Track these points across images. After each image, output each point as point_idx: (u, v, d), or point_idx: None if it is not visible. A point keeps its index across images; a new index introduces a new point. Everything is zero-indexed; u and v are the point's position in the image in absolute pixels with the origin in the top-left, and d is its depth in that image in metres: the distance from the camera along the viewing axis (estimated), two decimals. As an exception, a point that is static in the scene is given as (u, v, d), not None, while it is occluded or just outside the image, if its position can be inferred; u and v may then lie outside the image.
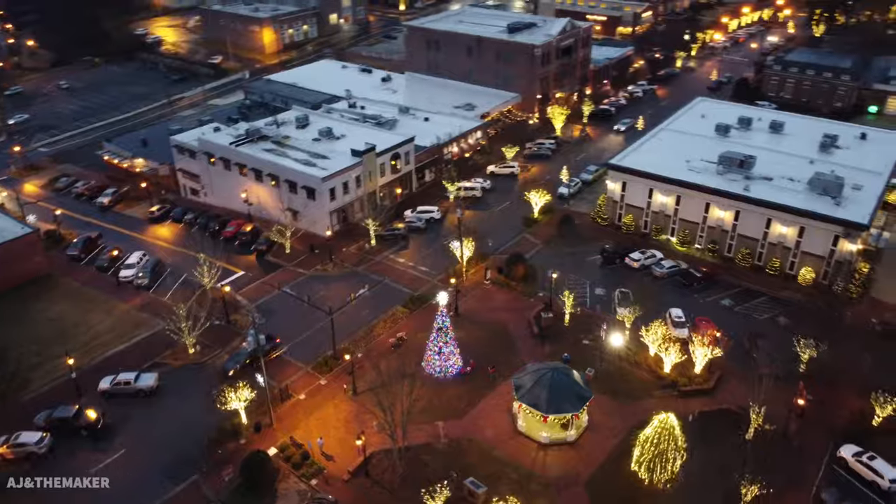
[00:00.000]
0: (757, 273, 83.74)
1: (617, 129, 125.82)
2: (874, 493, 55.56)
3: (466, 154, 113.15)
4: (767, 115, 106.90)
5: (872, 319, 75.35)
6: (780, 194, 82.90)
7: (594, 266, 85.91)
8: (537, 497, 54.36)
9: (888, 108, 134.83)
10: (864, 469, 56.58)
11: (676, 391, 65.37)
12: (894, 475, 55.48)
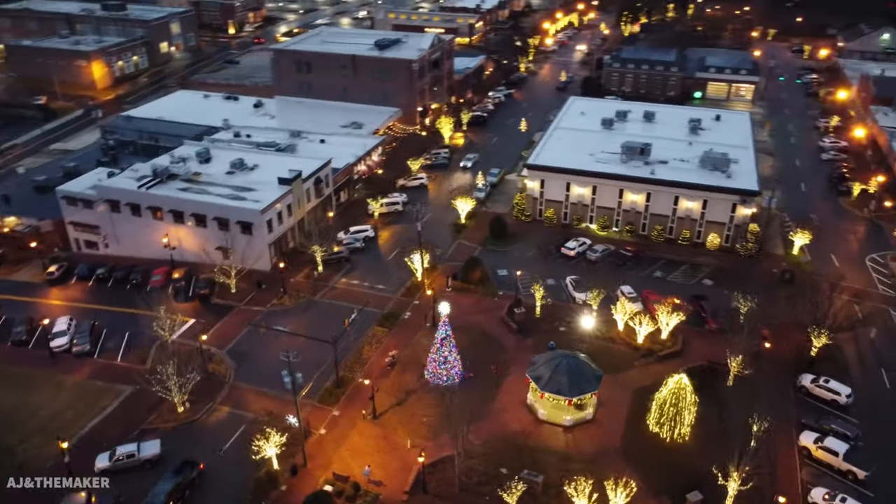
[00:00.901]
0: (671, 245, 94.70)
1: (463, 165, 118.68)
2: (835, 408, 66.51)
3: (378, 171, 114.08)
4: (639, 107, 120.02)
5: (774, 270, 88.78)
6: (680, 174, 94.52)
7: (535, 260, 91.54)
8: (584, 473, 58.15)
9: (709, 93, 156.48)
10: (823, 391, 67.49)
11: (654, 357, 72.70)
12: (848, 391, 66.92)
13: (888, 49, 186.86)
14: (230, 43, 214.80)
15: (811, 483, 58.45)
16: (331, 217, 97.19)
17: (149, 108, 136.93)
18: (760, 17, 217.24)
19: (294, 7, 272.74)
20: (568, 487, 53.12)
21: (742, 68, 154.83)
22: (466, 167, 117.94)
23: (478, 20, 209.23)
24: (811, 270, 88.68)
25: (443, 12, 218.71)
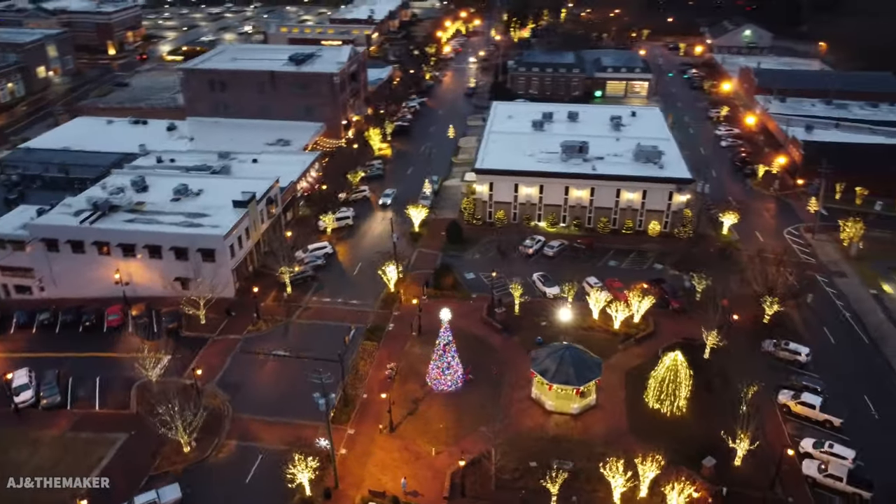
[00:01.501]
0: (616, 235, 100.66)
1: (383, 203, 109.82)
2: (797, 367, 73.98)
3: (323, 186, 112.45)
4: (563, 108, 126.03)
5: (711, 249, 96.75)
6: (617, 168, 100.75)
7: (496, 261, 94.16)
8: (605, 457, 61.27)
9: (608, 92, 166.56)
10: (786, 353, 74.86)
11: (634, 340, 77.47)
12: (807, 350, 74.68)
13: (750, 44, 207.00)
14: (111, 64, 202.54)
15: (797, 436, 64.84)
16: (289, 237, 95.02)
17: (48, 137, 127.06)
18: (633, 18, 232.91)
19: (171, 24, 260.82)
20: (604, 469, 55.94)
21: (635, 67, 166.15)
22: (386, 204, 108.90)
23: (374, 31, 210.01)
24: (741, 247, 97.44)
25: (337, 24, 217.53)
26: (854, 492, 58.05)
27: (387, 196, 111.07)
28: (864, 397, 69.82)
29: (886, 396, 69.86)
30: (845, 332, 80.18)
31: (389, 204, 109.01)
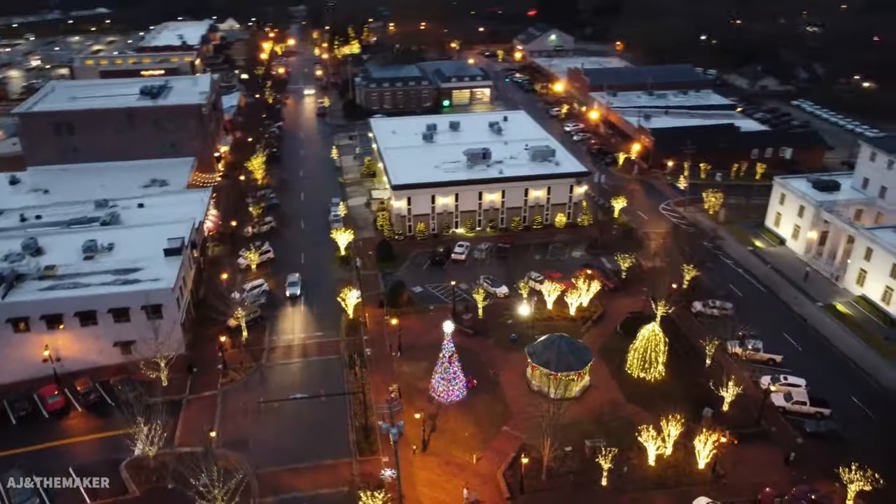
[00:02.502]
0: (529, 231, 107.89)
1: (291, 294, 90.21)
2: (726, 320, 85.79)
3: (233, 223, 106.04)
4: (443, 119, 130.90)
5: (612, 231, 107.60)
6: (520, 169, 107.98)
7: (433, 270, 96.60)
8: (618, 422, 67.10)
9: (455, 100, 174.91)
10: (714, 310, 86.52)
11: (592, 322, 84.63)
12: (730, 304, 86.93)
13: (557, 47, 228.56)
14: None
15: (754, 376, 75.72)
16: (225, 279, 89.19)
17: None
18: (440, 30, 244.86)
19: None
20: (639, 436, 61.65)
21: (476, 75, 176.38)
22: (296, 295, 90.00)
23: (195, 57, 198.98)
24: (634, 226, 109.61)
25: (150, 52, 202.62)
26: (817, 411, 69.68)
27: (293, 285, 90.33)
28: (784, 334, 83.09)
29: (800, 331, 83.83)
30: (746, 285, 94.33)
31: (299, 294, 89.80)
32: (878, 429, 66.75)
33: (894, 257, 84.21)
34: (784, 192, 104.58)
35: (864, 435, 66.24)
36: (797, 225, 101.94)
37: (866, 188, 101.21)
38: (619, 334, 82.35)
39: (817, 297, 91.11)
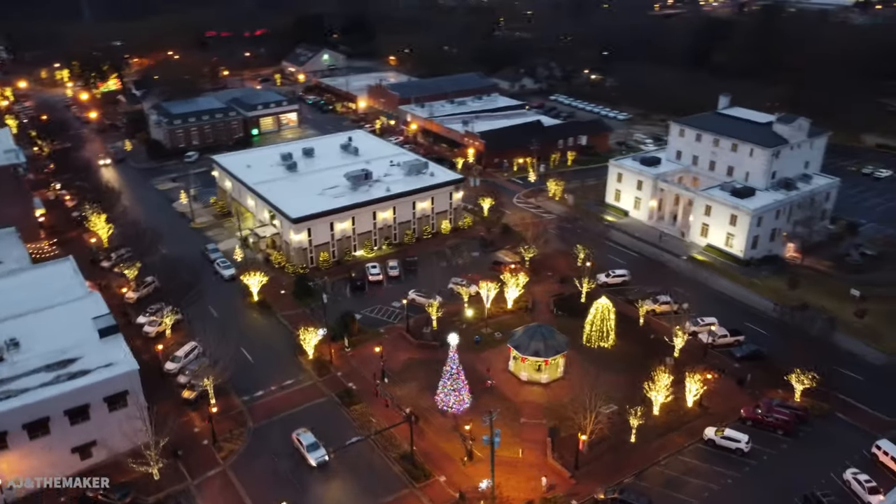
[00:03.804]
0: (421, 242, 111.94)
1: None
2: (626, 284, 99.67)
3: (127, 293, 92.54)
4: (296, 146, 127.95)
5: (492, 229, 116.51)
6: (402, 184, 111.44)
7: (356, 296, 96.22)
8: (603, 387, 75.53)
9: (263, 128, 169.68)
10: (616, 279, 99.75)
11: (530, 310, 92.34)
12: (625, 272, 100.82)
13: (331, 66, 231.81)
14: None
15: (676, 324, 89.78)
16: (160, 349, 79.01)
17: None
18: (210, 59, 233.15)
19: None
20: (647, 390, 70.81)
21: (280, 101, 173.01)
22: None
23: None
24: (506, 220, 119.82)
25: None
26: (735, 339, 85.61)
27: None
28: (674, 287, 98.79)
29: (682, 282, 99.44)
30: (622, 254, 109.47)
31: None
32: (778, 342, 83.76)
33: (730, 209, 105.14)
34: (620, 172, 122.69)
35: (773, 349, 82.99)
36: (637, 197, 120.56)
37: (680, 159, 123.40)
38: (559, 315, 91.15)
39: (677, 252, 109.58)
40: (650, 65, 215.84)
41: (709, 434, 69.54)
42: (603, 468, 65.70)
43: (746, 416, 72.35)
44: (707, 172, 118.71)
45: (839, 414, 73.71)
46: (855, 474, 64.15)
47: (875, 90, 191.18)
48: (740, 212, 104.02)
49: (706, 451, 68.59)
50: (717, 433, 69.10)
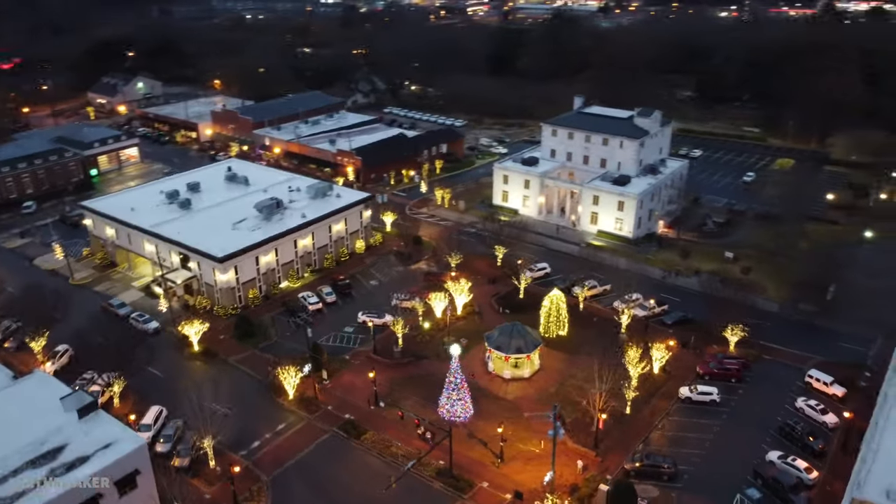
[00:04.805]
0: (341, 264, 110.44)
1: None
2: (549, 276, 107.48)
3: None
4: (179, 180, 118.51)
5: (401, 243, 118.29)
6: (315, 209, 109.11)
7: (300, 330, 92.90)
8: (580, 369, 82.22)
9: (102, 167, 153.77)
10: (540, 272, 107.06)
11: (480, 312, 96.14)
12: (545, 264, 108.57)
13: (147, 94, 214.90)
14: None
15: (607, 304, 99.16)
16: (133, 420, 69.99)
17: None
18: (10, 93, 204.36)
19: None
20: (628, 364, 78.18)
21: (116, 136, 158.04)
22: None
23: None
24: (409, 232, 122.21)
25: None
26: (661, 309, 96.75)
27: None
28: (591, 272, 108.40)
29: (592, 267, 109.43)
30: (531, 251, 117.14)
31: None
32: (693, 306, 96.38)
33: (617, 196, 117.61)
34: (506, 174, 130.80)
35: (693, 312, 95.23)
36: (525, 195, 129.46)
37: (555, 157, 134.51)
38: (506, 313, 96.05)
39: (575, 241, 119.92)
40: (462, 74, 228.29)
41: (685, 393, 78.72)
42: (616, 442, 71.71)
43: (704, 372, 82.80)
44: (582, 166, 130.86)
45: (766, 356, 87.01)
46: (805, 401, 76.85)
47: (662, 83, 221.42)
48: (626, 197, 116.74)
49: (687, 408, 77.65)
50: (691, 391, 78.47)
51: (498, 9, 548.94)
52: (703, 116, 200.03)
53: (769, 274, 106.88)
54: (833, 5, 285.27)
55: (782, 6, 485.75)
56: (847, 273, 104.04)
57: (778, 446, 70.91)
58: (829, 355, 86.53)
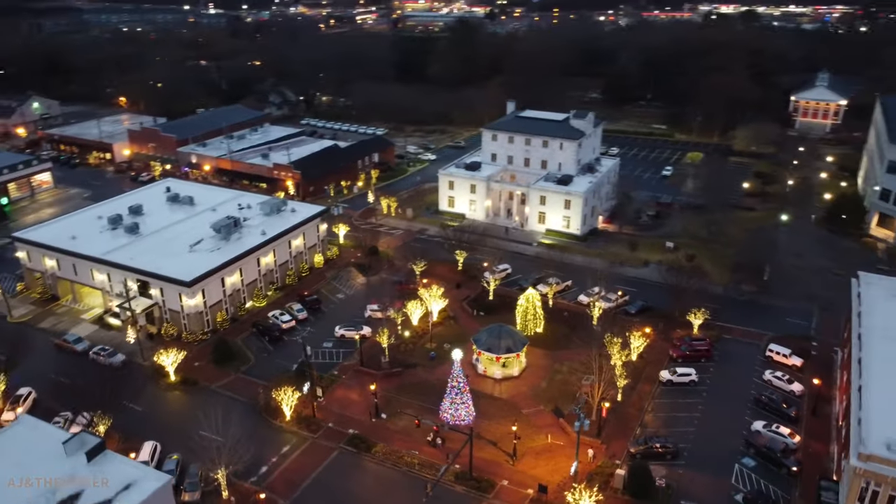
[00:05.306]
0: (304, 279, 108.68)
1: None
2: (511, 276, 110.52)
3: None
4: (117, 204, 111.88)
5: (358, 255, 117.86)
6: (272, 225, 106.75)
7: (279, 347, 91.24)
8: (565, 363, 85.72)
9: (13, 194, 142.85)
10: (501, 273, 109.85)
11: (454, 318, 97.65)
12: (507, 265, 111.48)
13: (44, 114, 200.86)
14: None
15: (572, 299, 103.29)
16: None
17: None
18: None
19: None
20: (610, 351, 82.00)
21: (27, 160, 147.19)
22: None
23: None
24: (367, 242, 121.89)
25: None
26: (624, 299, 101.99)
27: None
28: (546, 270, 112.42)
29: (548, 266, 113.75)
30: (488, 252, 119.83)
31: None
32: (651, 295, 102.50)
33: (564, 195, 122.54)
34: (452, 179, 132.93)
35: (651, 301, 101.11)
36: (472, 199, 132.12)
37: (496, 161, 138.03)
38: (480, 316, 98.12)
39: (527, 241, 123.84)
40: (370, 82, 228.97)
41: (666, 376, 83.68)
42: (615, 428, 75.23)
43: (677, 355, 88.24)
44: (523, 169, 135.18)
45: (726, 335, 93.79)
46: (772, 373, 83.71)
47: (572, 85, 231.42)
48: (573, 196, 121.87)
49: (670, 390, 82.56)
50: (671, 374, 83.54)
51: (386, 17, 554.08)
52: (613, 116, 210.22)
53: (709, 260, 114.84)
54: (714, 10, 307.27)
55: (653, 10, 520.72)
56: (776, 254, 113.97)
57: (758, 416, 76.86)
58: (779, 330, 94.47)
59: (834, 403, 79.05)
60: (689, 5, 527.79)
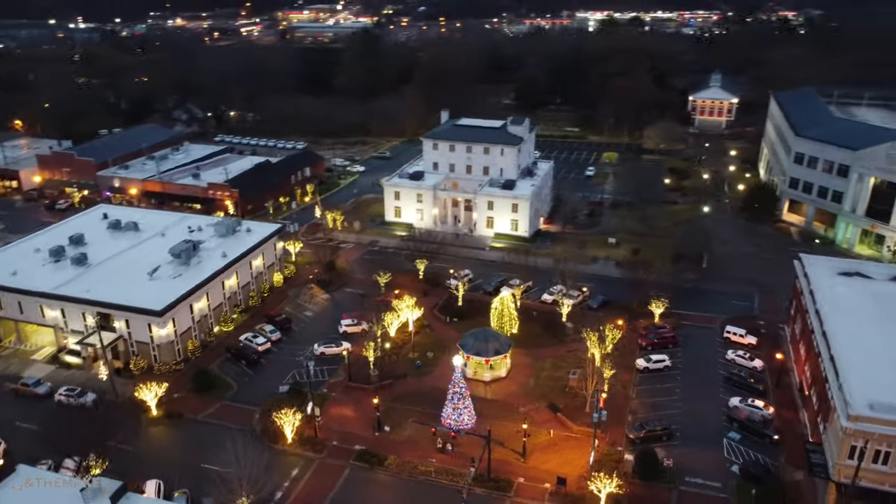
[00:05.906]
0: (266, 299, 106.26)
1: None
2: (471, 281, 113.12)
3: None
4: (48, 237, 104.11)
5: (317, 270, 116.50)
6: (230, 247, 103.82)
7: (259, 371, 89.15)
8: (548, 359, 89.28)
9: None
10: (464, 282, 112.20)
11: (430, 326, 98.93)
12: (468, 271, 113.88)
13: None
14: None
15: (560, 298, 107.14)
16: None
17: None
18: None
19: None
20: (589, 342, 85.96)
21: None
22: None
23: None
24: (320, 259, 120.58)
25: None
26: (584, 295, 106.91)
27: None
28: (501, 273, 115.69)
29: (502, 268, 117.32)
30: (441, 260, 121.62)
31: None
32: (607, 289, 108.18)
33: (511, 199, 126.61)
34: (397, 190, 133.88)
35: (609, 294, 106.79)
36: (419, 209, 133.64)
37: (438, 169, 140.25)
38: (452, 322, 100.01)
39: (479, 246, 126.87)
40: (276, 95, 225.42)
41: (642, 363, 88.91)
42: (610, 418, 79.16)
43: (646, 343, 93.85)
44: (465, 176, 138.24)
45: (684, 322, 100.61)
46: (734, 353, 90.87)
47: (484, 92, 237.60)
48: (520, 199, 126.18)
49: (648, 377, 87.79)
50: (647, 361, 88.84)
51: (273, 28, 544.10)
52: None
53: (650, 252, 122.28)
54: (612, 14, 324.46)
55: (534, 17, 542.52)
56: (710, 243, 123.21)
57: (732, 393, 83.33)
58: (726, 313, 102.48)
59: (792, 375, 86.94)
60: (567, 12, 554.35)
